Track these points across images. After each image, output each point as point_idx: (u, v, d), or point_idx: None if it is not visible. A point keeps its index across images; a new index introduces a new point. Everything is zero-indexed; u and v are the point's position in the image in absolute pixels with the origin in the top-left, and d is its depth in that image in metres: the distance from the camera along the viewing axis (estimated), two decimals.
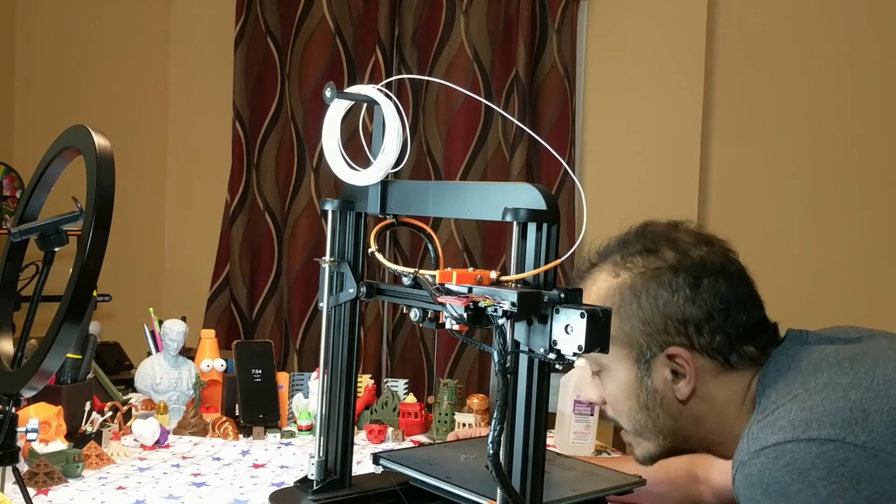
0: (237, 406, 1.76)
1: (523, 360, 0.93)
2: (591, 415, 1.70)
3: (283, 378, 1.80)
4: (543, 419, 0.94)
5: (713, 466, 1.35)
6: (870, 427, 0.87)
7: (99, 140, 1.04)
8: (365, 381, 1.84)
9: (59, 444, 1.45)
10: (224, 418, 1.71)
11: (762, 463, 0.88)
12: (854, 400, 0.90)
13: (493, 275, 0.95)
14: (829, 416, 0.88)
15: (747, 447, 0.91)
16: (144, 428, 1.61)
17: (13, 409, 1.07)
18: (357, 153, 1.12)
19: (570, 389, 1.70)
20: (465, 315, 0.90)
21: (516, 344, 0.93)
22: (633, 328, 1.04)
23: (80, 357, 1.65)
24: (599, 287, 1.07)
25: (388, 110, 1.06)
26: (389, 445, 1.70)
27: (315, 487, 1.17)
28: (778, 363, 1.01)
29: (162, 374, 1.82)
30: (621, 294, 1.05)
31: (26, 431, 1.15)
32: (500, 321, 0.89)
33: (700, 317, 1.02)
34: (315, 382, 1.77)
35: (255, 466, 1.52)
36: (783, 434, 0.88)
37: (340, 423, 1.19)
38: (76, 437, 1.54)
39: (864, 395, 0.91)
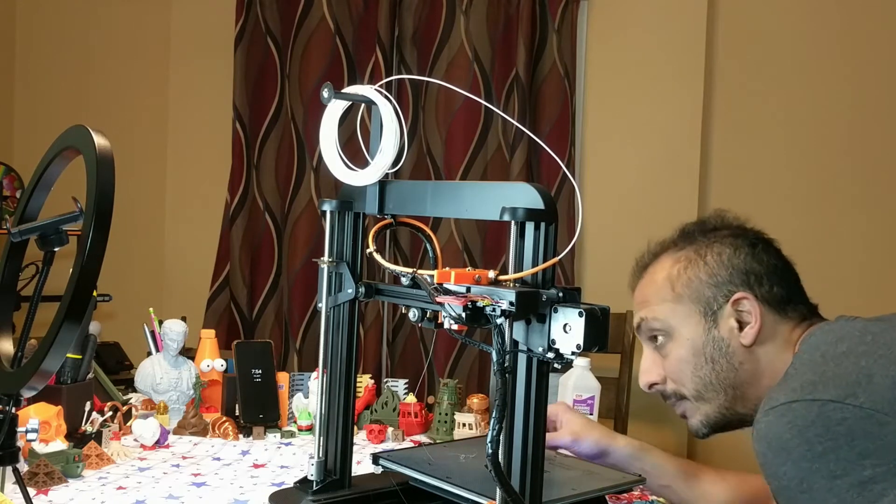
0: (237, 406, 1.76)
1: (522, 360, 0.93)
2: (591, 414, 1.70)
3: (283, 378, 1.80)
4: (542, 418, 0.94)
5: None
6: (871, 390, 0.92)
7: (99, 140, 1.04)
8: (365, 381, 1.84)
9: (59, 444, 1.45)
10: (224, 418, 1.71)
11: (769, 420, 0.95)
12: (864, 366, 0.96)
13: (492, 274, 0.95)
14: (834, 380, 0.95)
15: (762, 407, 0.99)
16: (144, 428, 1.61)
17: (13, 409, 1.07)
18: (356, 153, 1.12)
19: (569, 389, 1.70)
20: (463, 315, 0.90)
21: (515, 343, 0.93)
22: (700, 283, 1.17)
23: (80, 357, 1.65)
24: (663, 266, 1.21)
25: (386, 111, 1.06)
26: (389, 445, 1.70)
27: (315, 488, 1.17)
28: (815, 335, 1.09)
29: (162, 374, 1.82)
30: (687, 258, 1.19)
31: (26, 431, 1.15)
32: (499, 320, 0.89)
33: (761, 270, 1.16)
34: (315, 382, 1.77)
35: (255, 466, 1.52)
36: (792, 394, 0.95)
37: (340, 423, 1.19)
38: (76, 437, 1.54)
39: (876, 363, 0.96)
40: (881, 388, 0.92)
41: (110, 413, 1.63)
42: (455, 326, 0.94)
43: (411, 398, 1.82)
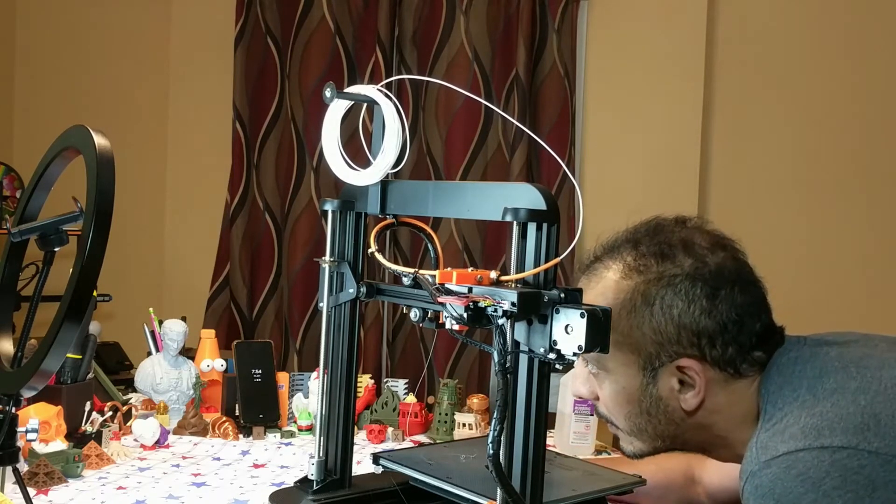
0: (237, 406, 1.76)
1: (523, 360, 0.93)
2: (591, 415, 1.70)
3: (283, 378, 1.80)
4: (543, 419, 0.94)
5: (706, 467, 1.35)
6: (882, 433, 0.85)
7: (99, 140, 1.04)
8: (365, 381, 1.84)
9: (59, 444, 1.45)
10: (224, 418, 1.71)
11: (773, 473, 0.86)
12: (864, 405, 0.89)
13: (493, 275, 0.95)
14: (840, 423, 0.87)
15: (756, 457, 0.89)
16: (144, 428, 1.61)
17: (13, 409, 1.07)
18: (357, 153, 1.12)
19: (570, 389, 1.70)
20: (465, 315, 0.90)
21: (516, 344, 0.93)
22: (643, 336, 1.00)
23: (80, 357, 1.65)
24: (607, 286, 1.03)
25: (388, 110, 1.06)
26: (389, 445, 1.70)
27: (315, 487, 1.17)
28: (780, 366, 1.00)
29: (162, 374, 1.82)
30: (633, 300, 1.00)
31: (26, 431, 1.15)
32: (500, 321, 0.89)
33: (715, 329, 0.98)
34: (315, 382, 1.77)
35: (255, 466, 1.52)
36: (794, 443, 0.87)
37: (340, 423, 1.19)
38: (76, 437, 1.54)
39: (874, 400, 0.89)
40: (891, 429, 0.86)
41: (110, 413, 1.63)
42: (456, 326, 0.93)
43: (411, 398, 1.82)
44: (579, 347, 0.87)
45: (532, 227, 0.93)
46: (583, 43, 2.93)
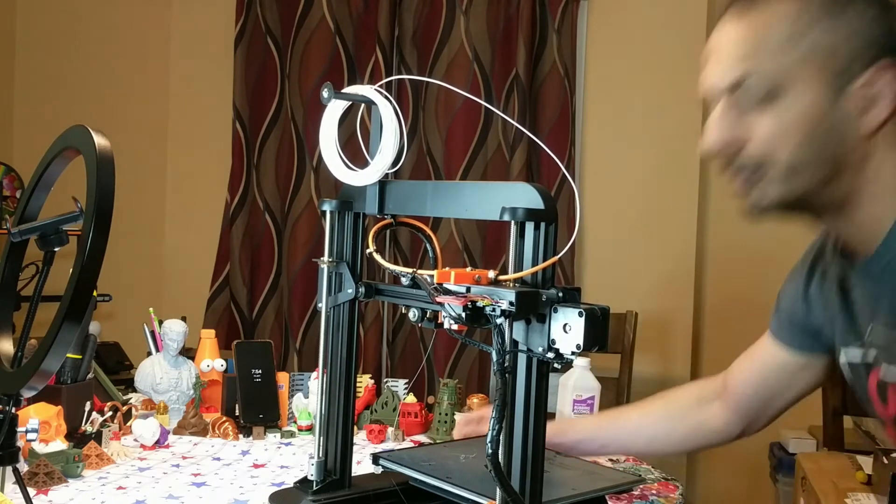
0: (237, 406, 1.76)
1: (522, 360, 0.93)
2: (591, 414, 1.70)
3: (283, 378, 1.80)
4: (542, 418, 0.94)
5: (732, 372, 1.30)
6: None
7: (99, 140, 1.04)
8: (365, 381, 1.84)
9: (59, 444, 1.45)
10: (224, 418, 1.71)
11: None
12: None
13: (492, 274, 0.95)
14: None
15: None
16: (144, 428, 1.61)
17: (13, 409, 1.07)
18: (356, 153, 1.12)
19: (569, 389, 1.70)
20: (463, 315, 0.90)
21: (515, 343, 0.93)
22: (833, 43, 0.91)
23: (80, 357, 1.65)
24: (777, 9, 0.94)
25: (386, 111, 1.06)
26: (389, 445, 1.70)
27: (315, 487, 1.17)
28: None
29: (162, 374, 1.82)
30: (816, 9, 0.92)
31: (26, 431, 1.15)
32: (499, 320, 0.89)
33: None
34: (315, 382, 1.77)
35: (255, 466, 1.52)
36: None
37: (340, 423, 1.19)
38: (76, 437, 1.54)
39: None
40: None
41: (110, 413, 1.63)
42: (455, 326, 0.94)
43: (411, 398, 1.82)
44: (577, 346, 0.87)
45: (530, 227, 0.93)
46: (583, 43, 2.93)
